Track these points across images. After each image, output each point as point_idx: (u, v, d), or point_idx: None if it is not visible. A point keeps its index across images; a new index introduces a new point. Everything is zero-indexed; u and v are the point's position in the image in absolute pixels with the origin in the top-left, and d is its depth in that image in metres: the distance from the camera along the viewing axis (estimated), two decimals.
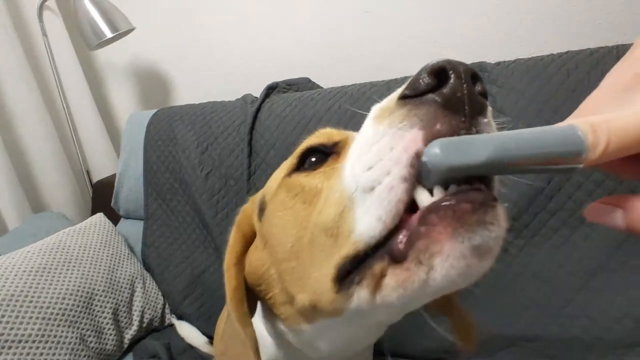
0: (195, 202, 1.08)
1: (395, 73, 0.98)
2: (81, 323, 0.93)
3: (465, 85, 0.22)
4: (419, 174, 0.21)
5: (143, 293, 1.08)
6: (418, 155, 0.22)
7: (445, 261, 0.21)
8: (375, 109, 0.26)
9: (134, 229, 1.24)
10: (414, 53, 1.12)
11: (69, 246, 1.02)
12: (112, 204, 1.31)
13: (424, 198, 0.22)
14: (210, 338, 1.03)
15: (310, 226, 0.28)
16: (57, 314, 0.89)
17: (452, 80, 0.22)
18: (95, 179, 1.53)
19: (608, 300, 0.70)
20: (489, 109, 0.24)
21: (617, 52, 0.74)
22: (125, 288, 1.05)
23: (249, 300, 0.38)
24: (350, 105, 0.93)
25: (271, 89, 1.10)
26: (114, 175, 1.46)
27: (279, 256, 0.33)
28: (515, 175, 0.20)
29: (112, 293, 1.02)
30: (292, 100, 1.03)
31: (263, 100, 1.07)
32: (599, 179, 0.74)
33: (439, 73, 0.22)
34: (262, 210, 0.38)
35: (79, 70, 1.45)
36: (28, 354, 0.82)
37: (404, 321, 0.87)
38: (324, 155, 0.33)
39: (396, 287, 0.23)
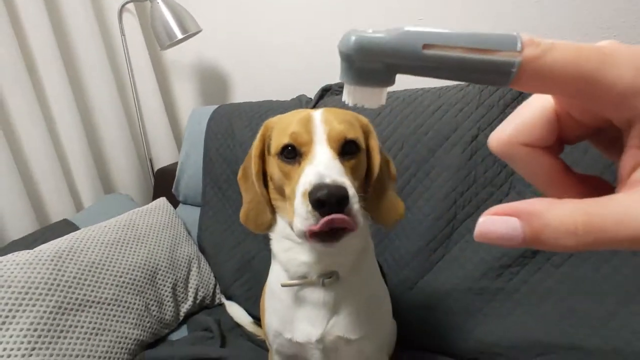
0: None
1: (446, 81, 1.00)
2: (146, 293, 1.05)
3: (331, 204, 0.46)
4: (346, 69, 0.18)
5: (198, 273, 1.19)
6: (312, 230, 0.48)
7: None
8: (307, 185, 0.49)
9: (191, 214, 1.35)
10: None
11: (138, 224, 1.15)
12: (172, 190, 1.44)
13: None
14: (256, 319, 1.11)
15: (287, 189, 0.56)
16: (128, 283, 1.02)
17: (325, 206, 0.46)
18: (156, 167, 1.68)
19: None
20: (346, 208, 0.47)
21: None
22: (183, 266, 1.16)
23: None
24: (402, 110, 0.98)
25: (325, 91, 1.17)
26: (173, 164, 1.60)
27: (274, 185, 0.61)
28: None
29: (172, 270, 1.13)
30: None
31: (317, 101, 1.14)
32: None
33: (319, 201, 0.46)
34: (268, 150, 0.61)
35: (150, 67, 1.59)
36: (104, 314, 0.95)
37: (442, 319, 0.91)
38: (295, 151, 0.56)
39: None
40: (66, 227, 1.20)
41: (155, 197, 1.45)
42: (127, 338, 0.96)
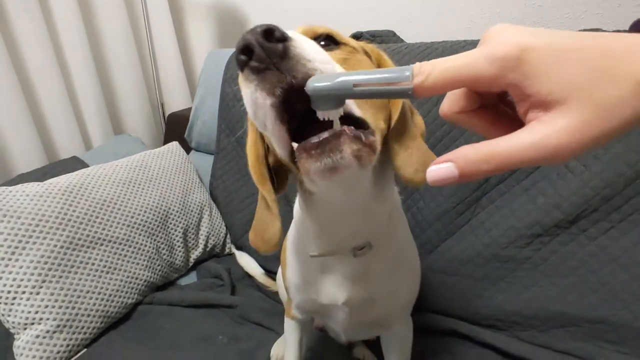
0: None
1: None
2: (158, 236, 1.03)
3: (262, 48, 0.30)
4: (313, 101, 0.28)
5: (209, 220, 1.16)
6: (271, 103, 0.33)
7: (315, 173, 0.34)
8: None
9: (203, 162, 1.31)
10: (509, 13, 1.04)
11: (150, 166, 1.11)
12: (185, 136, 1.38)
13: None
14: (267, 271, 1.10)
15: None
16: (139, 224, 0.99)
17: (255, 52, 0.30)
18: (167, 112, 1.62)
19: None
20: (288, 46, 0.31)
21: None
22: (195, 213, 1.13)
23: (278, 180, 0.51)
24: None
25: (355, 38, 1.08)
26: (185, 110, 1.53)
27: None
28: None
29: (184, 215, 1.10)
30: None
31: None
32: None
33: (245, 48, 0.30)
34: None
35: (165, 3, 1.49)
36: (115, 253, 0.93)
37: (461, 284, 0.88)
38: None
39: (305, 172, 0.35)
40: (76, 164, 1.16)
41: (166, 142, 1.40)
42: (137, 278, 0.95)
